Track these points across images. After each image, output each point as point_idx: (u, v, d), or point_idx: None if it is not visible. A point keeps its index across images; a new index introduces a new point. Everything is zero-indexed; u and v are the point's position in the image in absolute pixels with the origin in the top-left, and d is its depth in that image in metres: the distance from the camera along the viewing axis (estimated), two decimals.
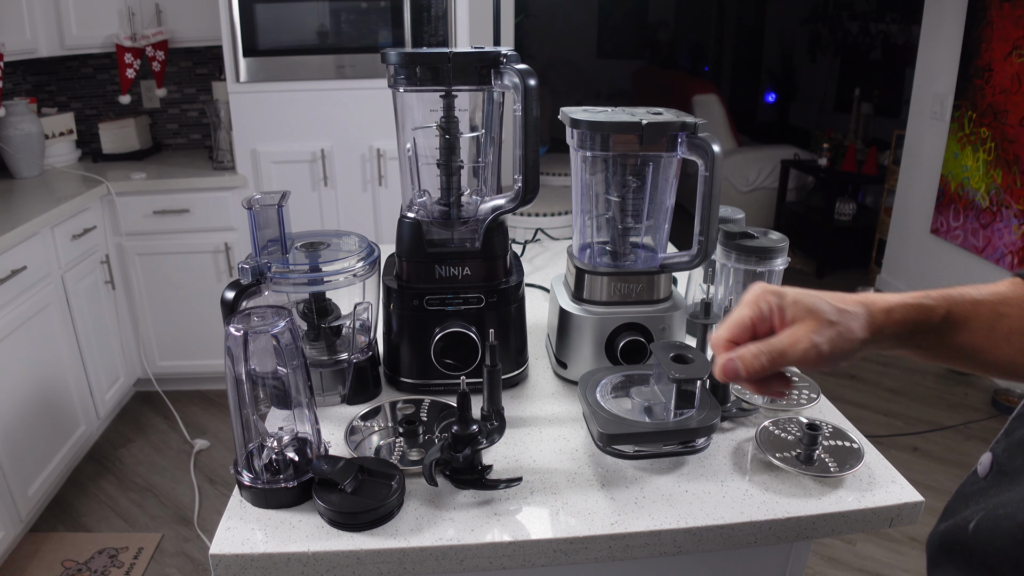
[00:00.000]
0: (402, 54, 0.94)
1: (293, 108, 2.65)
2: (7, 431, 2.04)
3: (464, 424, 0.79)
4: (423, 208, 1.04)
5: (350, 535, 0.75)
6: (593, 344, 1.02)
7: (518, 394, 1.04)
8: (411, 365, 1.02)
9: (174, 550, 2.17)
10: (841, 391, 3.08)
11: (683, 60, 7.24)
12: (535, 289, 1.41)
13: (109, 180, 2.63)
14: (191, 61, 3.11)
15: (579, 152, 1.02)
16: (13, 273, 2.06)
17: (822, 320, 0.59)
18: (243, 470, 0.80)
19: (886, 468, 0.86)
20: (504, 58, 0.94)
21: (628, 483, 0.84)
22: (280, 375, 0.80)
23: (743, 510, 0.79)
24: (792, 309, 0.61)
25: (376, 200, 2.79)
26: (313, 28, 2.58)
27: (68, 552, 2.14)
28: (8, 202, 2.40)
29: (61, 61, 3.03)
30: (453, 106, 0.97)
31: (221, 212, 2.72)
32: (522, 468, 0.87)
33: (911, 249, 3.73)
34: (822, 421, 0.88)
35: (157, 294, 2.80)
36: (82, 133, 3.10)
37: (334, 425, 0.95)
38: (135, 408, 2.92)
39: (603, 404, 0.86)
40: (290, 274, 0.93)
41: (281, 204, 0.95)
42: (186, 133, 3.25)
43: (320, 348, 1.01)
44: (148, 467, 2.57)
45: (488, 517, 0.78)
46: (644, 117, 0.96)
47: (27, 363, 2.16)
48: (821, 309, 0.60)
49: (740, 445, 0.91)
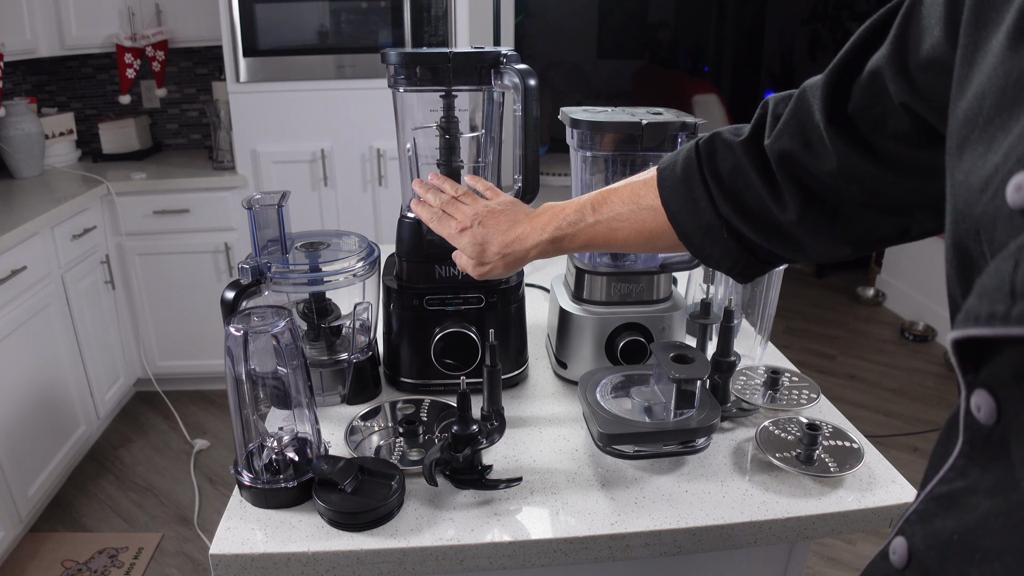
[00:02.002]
0: (402, 54, 0.94)
1: (293, 108, 2.65)
2: (7, 431, 2.04)
3: (464, 424, 0.79)
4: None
5: (350, 535, 0.75)
6: (593, 344, 1.02)
7: (518, 394, 1.04)
8: (411, 365, 1.02)
9: (174, 550, 2.17)
10: (841, 391, 3.08)
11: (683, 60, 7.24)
12: (535, 289, 1.41)
13: (109, 180, 2.63)
14: (191, 61, 3.11)
15: (579, 152, 1.02)
16: (13, 273, 2.06)
17: (479, 260, 0.84)
18: (243, 470, 0.80)
19: (886, 468, 0.86)
20: (504, 58, 0.94)
21: (628, 483, 0.84)
22: (280, 375, 0.80)
23: (743, 510, 0.79)
24: (476, 233, 0.84)
25: (376, 200, 2.79)
26: (313, 28, 2.58)
27: (68, 552, 2.14)
28: (8, 202, 2.40)
29: (61, 61, 3.03)
30: (453, 106, 0.97)
31: (221, 212, 2.72)
32: (522, 468, 0.87)
33: (911, 249, 3.73)
34: (822, 421, 0.88)
35: (157, 294, 2.80)
36: (82, 133, 3.10)
37: (334, 425, 0.95)
38: (135, 408, 2.92)
39: (603, 404, 0.86)
40: (290, 274, 0.93)
41: (281, 204, 0.95)
42: (186, 133, 3.25)
43: (320, 348, 1.01)
44: (148, 467, 2.57)
45: (488, 517, 0.78)
46: (644, 117, 0.96)
47: (27, 363, 2.16)
48: (480, 253, 0.83)
49: (740, 445, 0.91)
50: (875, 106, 0.55)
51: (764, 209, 0.66)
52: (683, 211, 0.71)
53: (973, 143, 0.39)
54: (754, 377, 1.05)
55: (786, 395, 1.01)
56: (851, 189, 0.60)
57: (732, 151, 0.68)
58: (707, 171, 0.69)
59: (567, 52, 6.91)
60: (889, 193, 0.59)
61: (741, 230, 0.69)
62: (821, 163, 0.60)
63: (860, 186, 0.59)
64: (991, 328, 0.31)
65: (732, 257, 0.71)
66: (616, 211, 0.77)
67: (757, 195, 0.66)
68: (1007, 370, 0.33)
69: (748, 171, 0.66)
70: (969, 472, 0.37)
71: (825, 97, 0.58)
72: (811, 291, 4.16)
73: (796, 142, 0.61)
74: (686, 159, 0.71)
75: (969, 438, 0.37)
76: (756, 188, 0.66)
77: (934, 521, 0.40)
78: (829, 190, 0.61)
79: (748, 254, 0.71)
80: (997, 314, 0.31)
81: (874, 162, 0.57)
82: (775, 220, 0.66)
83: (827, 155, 0.59)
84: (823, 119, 0.58)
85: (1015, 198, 0.33)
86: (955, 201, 0.40)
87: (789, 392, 1.01)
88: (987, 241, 0.36)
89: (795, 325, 3.73)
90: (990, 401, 0.34)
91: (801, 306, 3.95)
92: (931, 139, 0.53)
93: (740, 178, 0.67)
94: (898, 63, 0.51)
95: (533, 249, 0.81)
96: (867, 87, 0.55)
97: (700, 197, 0.70)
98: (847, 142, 0.57)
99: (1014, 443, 0.33)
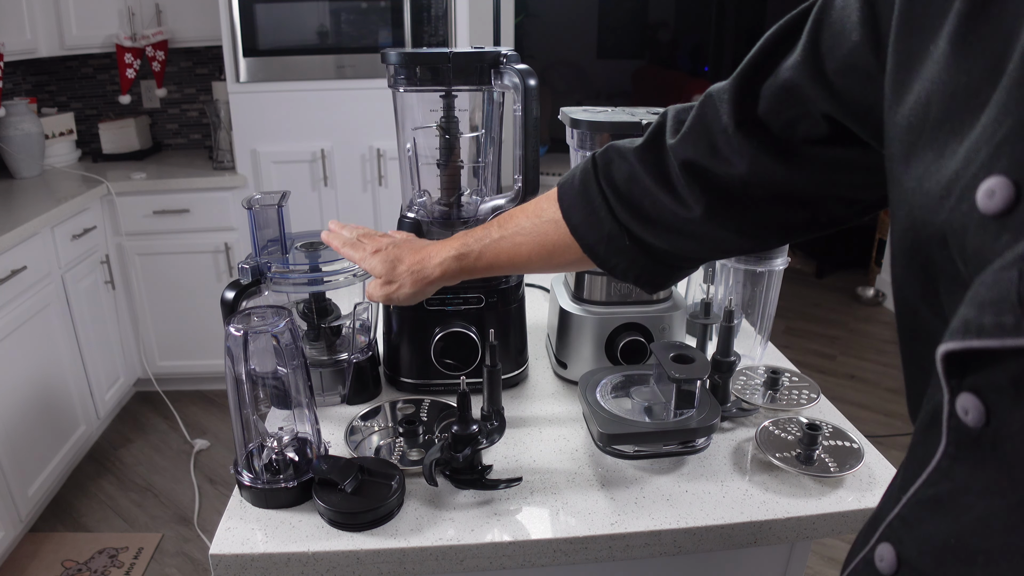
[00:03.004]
0: (402, 54, 0.94)
1: (293, 108, 2.65)
2: (7, 431, 2.04)
3: (464, 424, 0.79)
4: (423, 208, 1.04)
5: (350, 535, 0.75)
6: (593, 344, 1.02)
7: (518, 394, 1.04)
8: (411, 365, 1.02)
9: (174, 550, 2.17)
10: (841, 391, 3.08)
11: (683, 60, 7.24)
12: (535, 289, 1.41)
13: (109, 180, 2.63)
14: (191, 61, 3.11)
15: (579, 152, 1.02)
16: (13, 273, 2.06)
17: (387, 278, 0.83)
18: (243, 470, 0.80)
19: (886, 468, 0.86)
20: (504, 58, 0.94)
21: (628, 483, 0.84)
22: (280, 375, 0.80)
23: (743, 510, 0.79)
24: (390, 252, 0.84)
25: (376, 200, 2.79)
26: (313, 28, 2.58)
27: (68, 552, 2.14)
28: (8, 202, 2.40)
29: (61, 61, 3.03)
30: (453, 106, 0.97)
31: (221, 212, 2.72)
32: (522, 468, 0.87)
33: None
34: (822, 421, 0.88)
35: (157, 294, 2.80)
36: (82, 133, 3.10)
37: (334, 425, 0.95)
38: (135, 408, 2.92)
39: (603, 404, 0.86)
40: (290, 274, 0.93)
41: (281, 204, 0.95)
42: (186, 133, 3.25)
43: (320, 348, 1.01)
44: (148, 467, 2.57)
45: (488, 517, 0.78)
46: (644, 117, 0.96)
47: (27, 363, 2.16)
48: (390, 271, 0.83)
49: (740, 445, 0.91)
50: (787, 110, 0.55)
51: (664, 211, 0.66)
52: (584, 223, 0.72)
53: (922, 149, 0.39)
54: (754, 377, 1.05)
55: (786, 395, 1.01)
56: (760, 188, 0.60)
57: (626, 159, 0.68)
58: (603, 181, 0.70)
59: (567, 52, 6.91)
60: (801, 189, 0.59)
61: (643, 236, 0.69)
62: (729, 167, 0.60)
63: (770, 186, 0.60)
64: (999, 340, 0.31)
65: (638, 265, 0.71)
66: (520, 225, 0.77)
67: (655, 199, 0.66)
68: (1004, 377, 0.33)
69: (643, 176, 0.67)
70: (955, 473, 0.37)
71: (733, 101, 0.58)
72: (811, 291, 4.16)
73: (701, 147, 0.61)
74: (583, 171, 0.72)
75: (954, 439, 0.37)
76: (653, 193, 0.66)
77: (923, 525, 0.39)
78: (736, 189, 0.61)
79: (653, 261, 0.71)
80: (1006, 325, 0.31)
81: (785, 163, 0.57)
82: (678, 220, 0.66)
83: (736, 160, 0.59)
84: (732, 123, 0.58)
85: (987, 204, 0.33)
86: (909, 208, 0.40)
87: (789, 392, 1.01)
88: (956, 248, 0.36)
89: (795, 325, 3.73)
90: (979, 405, 0.34)
91: (801, 306, 3.95)
92: (844, 137, 0.54)
93: (636, 184, 0.67)
94: (814, 69, 0.51)
95: (438, 267, 0.80)
96: (778, 91, 0.55)
97: (599, 207, 0.70)
98: (757, 146, 0.57)
99: (1007, 444, 0.33)
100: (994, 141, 0.34)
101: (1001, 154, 0.33)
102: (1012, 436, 0.33)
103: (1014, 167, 0.32)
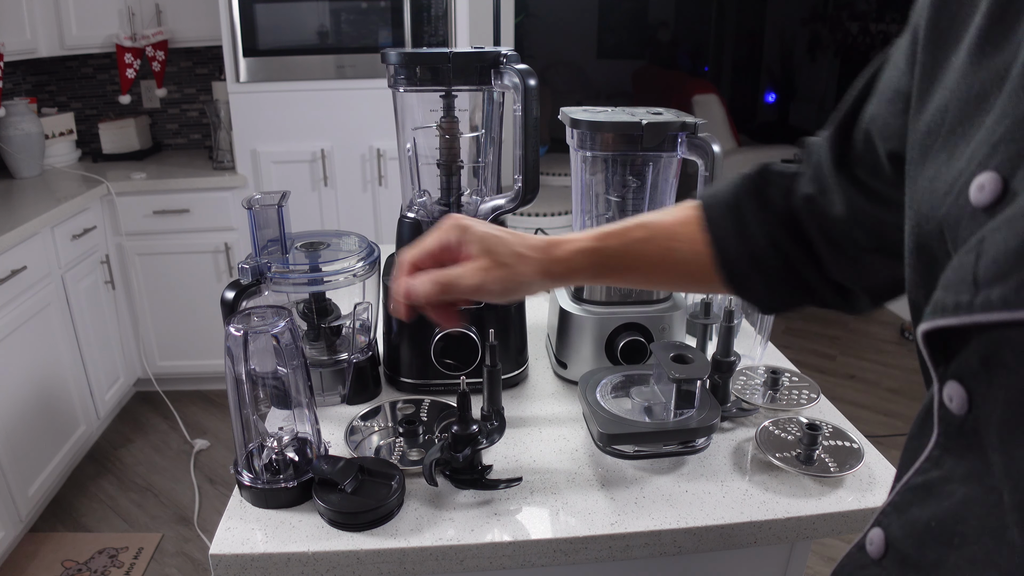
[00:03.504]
0: (402, 54, 0.94)
1: (293, 108, 2.65)
2: (7, 431, 2.04)
3: (464, 424, 0.79)
4: (423, 208, 1.04)
5: (350, 535, 0.75)
6: (593, 344, 1.02)
7: (518, 394, 1.04)
8: (411, 365, 1.02)
9: (174, 550, 2.17)
10: (841, 391, 3.08)
11: (683, 60, 7.24)
12: None
13: (109, 180, 2.63)
14: (191, 61, 3.11)
15: (579, 152, 1.02)
16: (13, 273, 2.06)
17: (496, 261, 0.65)
18: (243, 470, 0.80)
19: (886, 468, 0.86)
20: (504, 58, 0.94)
21: (628, 483, 0.84)
22: (280, 375, 0.80)
23: (743, 510, 0.79)
24: (473, 245, 0.66)
25: (376, 200, 2.79)
26: (313, 28, 2.58)
27: (68, 552, 2.14)
28: (8, 202, 2.40)
29: (61, 61, 3.03)
30: (453, 106, 0.97)
31: (221, 212, 2.72)
32: (522, 468, 0.87)
33: None
34: (822, 421, 0.88)
35: (157, 294, 2.80)
36: (82, 133, 3.10)
37: (334, 425, 0.95)
38: (135, 408, 2.92)
39: (603, 404, 0.86)
40: (290, 274, 0.93)
41: (281, 204, 0.95)
42: (186, 133, 3.25)
43: (320, 348, 1.01)
44: (148, 467, 2.57)
45: (488, 517, 0.78)
46: (644, 117, 0.96)
47: (27, 363, 2.16)
48: (497, 251, 0.65)
49: (740, 445, 0.91)
50: (869, 152, 0.55)
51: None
52: (729, 237, 0.64)
53: (936, 151, 0.41)
54: (754, 377, 1.05)
55: (786, 395, 1.01)
56: (860, 233, 0.59)
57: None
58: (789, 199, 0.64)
59: (567, 52, 6.91)
60: (895, 236, 0.58)
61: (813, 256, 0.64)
62: (832, 207, 0.60)
63: (867, 229, 0.59)
64: (957, 317, 0.33)
65: (777, 290, 0.65)
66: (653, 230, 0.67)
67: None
68: (975, 358, 0.35)
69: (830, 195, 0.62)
70: (944, 462, 0.39)
71: (832, 144, 0.59)
72: None
73: (814, 187, 0.61)
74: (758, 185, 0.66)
75: (944, 429, 0.38)
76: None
77: (911, 510, 0.40)
78: (845, 236, 0.60)
79: (797, 288, 0.65)
80: (962, 303, 0.33)
81: (875, 203, 0.57)
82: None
83: (837, 199, 0.59)
84: (831, 165, 0.59)
85: (978, 197, 0.35)
86: (918, 205, 0.42)
87: (789, 392, 1.01)
88: (951, 240, 0.38)
89: (795, 325, 3.73)
90: (961, 391, 0.36)
91: None
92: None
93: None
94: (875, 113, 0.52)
95: (576, 248, 0.66)
96: (863, 135, 0.56)
97: (751, 223, 0.64)
98: (851, 185, 0.58)
99: (984, 429, 0.35)
100: (992, 141, 0.36)
101: (996, 152, 0.35)
102: (987, 419, 0.34)
103: (1004, 164, 0.34)
